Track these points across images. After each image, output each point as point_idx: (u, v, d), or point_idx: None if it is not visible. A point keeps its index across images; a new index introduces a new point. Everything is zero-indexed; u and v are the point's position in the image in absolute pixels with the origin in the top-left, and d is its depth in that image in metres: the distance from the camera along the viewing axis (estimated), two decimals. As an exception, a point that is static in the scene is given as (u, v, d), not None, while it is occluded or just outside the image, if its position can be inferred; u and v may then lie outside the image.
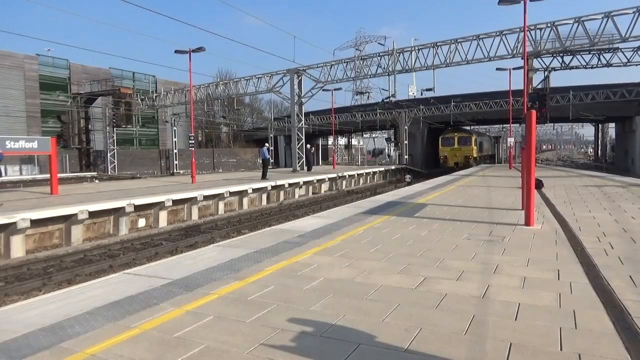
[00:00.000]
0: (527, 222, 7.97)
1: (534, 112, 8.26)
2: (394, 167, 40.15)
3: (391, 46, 33.23)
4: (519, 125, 54.31)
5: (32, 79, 41.01)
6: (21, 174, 35.41)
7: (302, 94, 31.32)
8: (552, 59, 28.55)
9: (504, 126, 66.41)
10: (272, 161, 47.25)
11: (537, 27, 25.09)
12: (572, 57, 28.15)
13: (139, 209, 14.43)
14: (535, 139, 8.72)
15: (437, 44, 26.76)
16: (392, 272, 5.06)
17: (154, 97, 43.23)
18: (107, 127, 42.35)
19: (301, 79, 31.11)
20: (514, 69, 30.51)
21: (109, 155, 41.92)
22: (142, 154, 47.52)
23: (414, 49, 28.01)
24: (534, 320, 3.60)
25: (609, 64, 28.20)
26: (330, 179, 27.66)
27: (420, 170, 42.39)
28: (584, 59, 28.26)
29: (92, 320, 3.68)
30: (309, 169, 31.47)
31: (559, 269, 5.07)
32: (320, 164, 54.14)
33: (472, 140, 40.70)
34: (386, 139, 73.61)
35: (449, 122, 46.49)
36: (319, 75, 30.40)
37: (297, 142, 31.35)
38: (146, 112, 44.55)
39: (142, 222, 14.80)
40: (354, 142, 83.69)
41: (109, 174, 39.92)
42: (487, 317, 3.67)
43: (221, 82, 39.88)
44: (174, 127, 45.96)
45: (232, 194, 18.78)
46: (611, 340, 3.21)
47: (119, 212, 13.80)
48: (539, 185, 14.10)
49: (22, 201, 14.11)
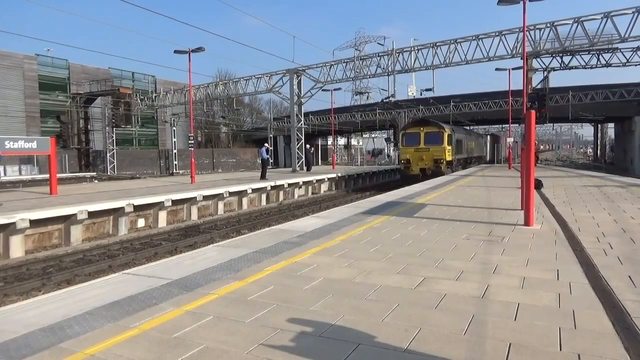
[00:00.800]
0: (527, 222, 7.98)
1: (534, 112, 8.26)
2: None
3: (390, 46, 33.24)
4: (518, 125, 54.41)
5: (31, 79, 40.99)
6: (20, 174, 35.41)
7: (302, 94, 31.33)
8: (552, 59, 28.57)
9: (504, 126, 66.53)
10: (271, 161, 47.24)
11: (537, 27, 25.12)
12: (571, 57, 28.17)
13: (138, 209, 14.44)
14: (534, 139, 8.72)
15: (437, 44, 26.78)
16: (392, 272, 5.06)
17: (154, 97, 43.22)
18: (107, 127, 42.33)
19: (300, 79, 31.13)
20: (513, 69, 30.55)
21: (108, 155, 41.89)
22: (142, 154, 47.49)
23: (413, 49, 28.02)
24: (534, 320, 3.60)
25: (608, 64, 28.23)
26: (329, 179, 27.65)
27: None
28: (583, 59, 28.29)
29: (92, 320, 3.68)
30: (309, 169, 31.47)
31: (559, 269, 5.08)
32: (319, 164, 54.18)
33: (445, 137, 28.12)
34: (385, 139, 73.69)
35: (448, 122, 46.55)
36: (319, 75, 30.41)
37: (296, 142, 31.36)
38: (145, 112, 44.52)
39: (141, 222, 14.80)
40: (354, 142, 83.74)
41: (108, 174, 39.91)
42: (487, 317, 3.67)
43: (221, 82, 39.89)
44: (174, 127, 45.94)
45: (231, 194, 18.79)
46: (610, 340, 3.21)
47: (118, 212, 13.80)
48: (539, 185, 14.11)
49: (21, 201, 14.11)
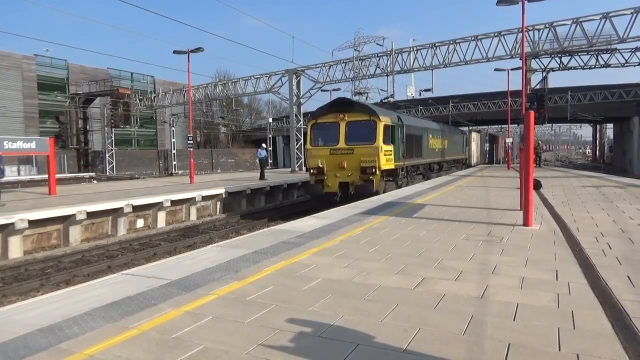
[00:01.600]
0: (526, 222, 7.98)
1: (532, 112, 8.27)
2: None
3: (390, 47, 33.24)
4: (517, 125, 54.42)
5: (30, 79, 40.97)
6: (19, 174, 35.36)
7: (301, 94, 31.34)
8: (550, 60, 28.61)
9: (503, 127, 66.55)
10: (270, 162, 47.21)
11: (536, 27, 25.15)
12: (570, 57, 28.22)
13: (137, 209, 14.43)
14: (533, 139, 8.73)
15: (436, 45, 26.81)
16: (391, 272, 5.06)
17: (153, 97, 43.22)
18: (106, 128, 42.29)
19: (300, 80, 31.13)
20: (512, 70, 30.62)
21: (107, 155, 41.86)
22: (141, 155, 47.47)
23: (412, 49, 28.05)
24: (533, 320, 3.61)
25: (607, 65, 28.28)
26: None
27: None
28: (582, 59, 28.33)
29: (91, 320, 3.67)
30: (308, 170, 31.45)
31: (558, 270, 5.08)
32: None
33: (379, 129, 16.06)
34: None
35: (447, 122, 46.51)
36: (318, 75, 30.43)
37: (295, 143, 31.36)
38: (144, 112, 44.51)
39: (140, 223, 14.80)
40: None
41: (108, 174, 39.88)
42: (486, 318, 3.67)
43: (220, 83, 39.91)
44: (173, 128, 45.90)
45: (230, 194, 18.78)
46: (609, 340, 3.22)
47: (117, 212, 13.79)
48: (538, 185, 14.12)
49: (21, 201, 14.09)
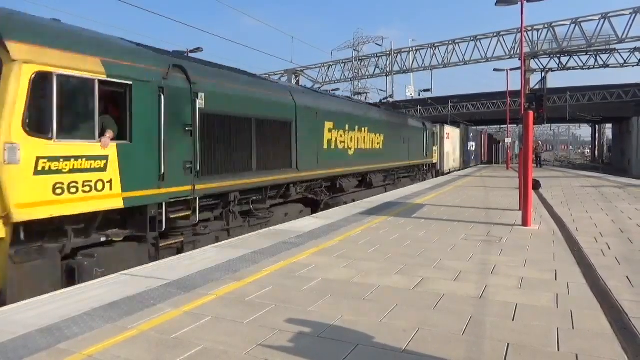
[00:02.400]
0: (525, 222, 7.99)
1: (532, 112, 8.29)
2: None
3: (389, 47, 33.28)
4: (516, 126, 54.45)
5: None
6: None
7: (300, 94, 31.36)
8: (549, 60, 28.68)
9: (502, 127, 66.59)
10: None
11: (535, 28, 25.20)
12: (569, 58, 28.27)
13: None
14: (532, 139, 8.74)
15: (435, 45, 26.86)
16: (390, 272, 5.07)
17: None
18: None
19: (299, 80, 31.17)
20: (511, 70, 30.62)
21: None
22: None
23: (411, 49, 28.10)
24: (532, 320, 3.61)
25: (606, 65, 28.34)
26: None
27: None
28: (581, 59, 28.40)
29: (90, 321, 3.67)
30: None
31: (557, 270, 5.09)
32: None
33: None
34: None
35: (446, 122, 46.49)
36: (317, 75, 30.48)
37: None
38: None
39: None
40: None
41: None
42: (485, 318, 3.67)
43: (219, 83, 39.81)
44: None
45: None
46: (608, 340, 3.23)
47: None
48: (537, 185, 14.13)
49: None
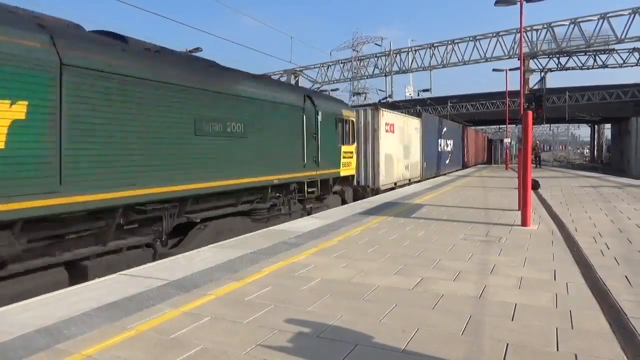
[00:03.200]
0: (524, 222, 8.00)
1: (531, 112, 8.29)
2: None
3: (388, 47, 33.27)
4: (515, 126, 54.52)
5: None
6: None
7: (299, 94, 31.35)
8: (548, 60, 28.71)
9: (501, 127, 66.67)
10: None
11: (534, 28, 25.22)
12: (568, 58, 28.31)
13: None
14: (531, 139, 8.74)
15: (434, 45, 26.87)
16: (389, 272, 5.07)
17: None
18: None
19: (298, 80, 31.16)
20: (510, 70, 30.65)
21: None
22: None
23: (410, 49, 28.11)
24: (531, 320, 3.61)
25: (605, 65, 28.38)
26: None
27: None
28: (580, 60, 28.44)
29: (89, 321, 3.67)
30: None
31: (556, 270, 5.09)
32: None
33: None
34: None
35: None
36: (316, 75, 30.47)
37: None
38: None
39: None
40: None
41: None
42: (484, 318, 3.67)
43: (218, 83, 39.77)
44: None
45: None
46: (607, 340, 3.23)
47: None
48: (536, 185, 14.13)
49: None
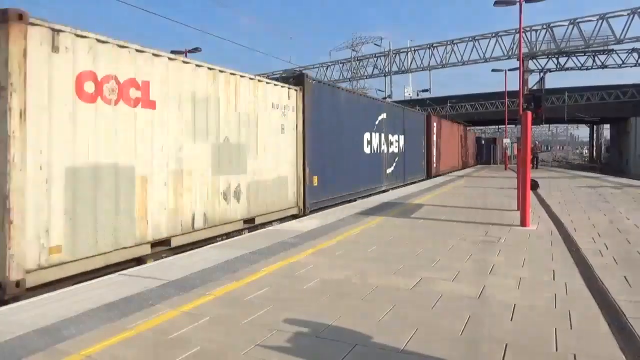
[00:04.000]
0: (523, 222, 8.00)
1: (530, 113, 8.30)
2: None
3: (387, 47, 33.28)
4: (514, 126, 54.53)
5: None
6: None
7: (299, 94, 31.35)
8: (547, 61, 28.74)
9: (500, 127, 66.76)
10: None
11: (533, 28, 25.25)
12: (567, 58, 28.35)
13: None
14: (530, 139, 8.75)
15: (433, 45, 26.89)
16: (388, 272, 5.07)
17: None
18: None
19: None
20: (509, 70, 30.67)
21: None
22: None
23: (409, 50, 28.13)
24: (530, 320, 3.62)
25: (603, 66, 28.41)
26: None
27: None
28: (579, 60, 28.48)
29: (87, 321, 3.66)
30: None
31: (555, 270, 5.10)
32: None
33: None
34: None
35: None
36: (315, 75, 30.49)
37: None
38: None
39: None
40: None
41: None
42: (483, 318, 3.68)
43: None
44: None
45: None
46: (606, 340, 3.23)
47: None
48: (535, 186, 14.13)
49: None
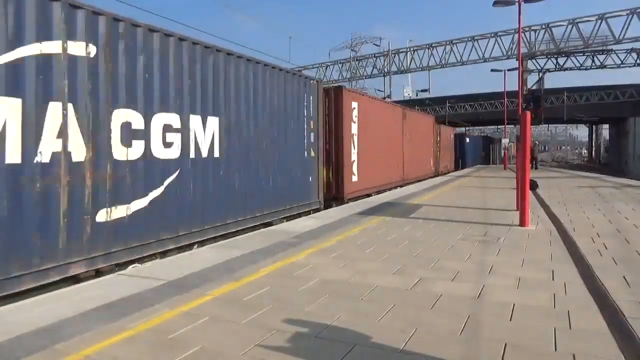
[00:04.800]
0: (522, 222, 8.01)
1: (529, 113, 8.30)
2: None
3: (387, 47, 33.29)
4: (514, 126, 54.56)
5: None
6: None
7: (298, 94, 31.35)
8: (547, 61, 28.76)
9: (499, 127, 66.83)
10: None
11: (532, 28, 25.26)
12: (566, 58, 28.37)
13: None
14: (529, 139, 8.76)
15: (432, 45, 26.90)
16: (388, 272, 5.07)
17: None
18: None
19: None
20: (508, 70, 30.68)
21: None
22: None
23: (409, 50, 28.15)
24: (529, 320, 3.62)
25: (602, 66, 28.44)
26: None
27: None
28: (578, 60, 28.50)
29: (86, 321, 3.66)
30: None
31: (554, 270, 5.10)
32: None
33: None
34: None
35: (444, 123, 46.45)
36: (315, 75, 30.47)
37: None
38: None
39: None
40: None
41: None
42: (482, 318, 3.68)
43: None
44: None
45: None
46: (605, 340, 3.23)
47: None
48: (534, 186, 14.15)
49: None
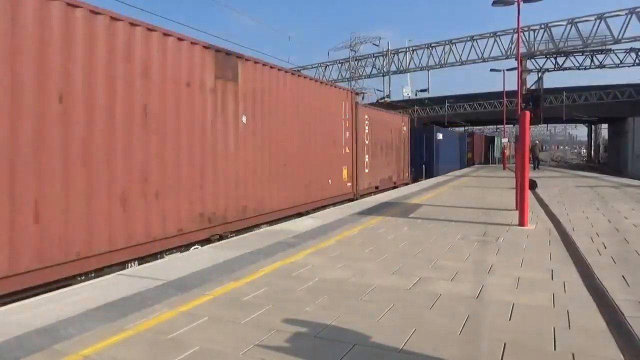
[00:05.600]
0: (521, 222, 8.01)
1: (528, 113, 8.32)
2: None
3: (386, 47, 33.31)
4: (513, 126, 54.64)
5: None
6: None
7: (297, 94, 31.34)
8: (546, 60, 28.78)
9: (498, 127, 66.89)
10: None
11: (531, 28, 25.29)
12: (565, 58, 28.39)
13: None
14: (528, 139, 8.76)
15: (432, 45, 26.92)
16: (387, 272, 5.07)
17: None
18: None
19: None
20: (507, 70, 30.70)
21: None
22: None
23: (408, 49, 28.16)
24: (528, 320, 3.62)
25: (601, 65, 28.46)
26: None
27: None
28: (577, 60, 28.53)
29: (86, 321, 3.65)
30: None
31: (553, 269, 5.10)
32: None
33: None
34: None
35: (443, 122, 46.56)
36: (314, 75, 30.46)
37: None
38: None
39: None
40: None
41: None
42: (482, 317, 3.68)
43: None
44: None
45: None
46: (605, 339, 3.23)
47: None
48: (533, 185, 14.16)
49: None
